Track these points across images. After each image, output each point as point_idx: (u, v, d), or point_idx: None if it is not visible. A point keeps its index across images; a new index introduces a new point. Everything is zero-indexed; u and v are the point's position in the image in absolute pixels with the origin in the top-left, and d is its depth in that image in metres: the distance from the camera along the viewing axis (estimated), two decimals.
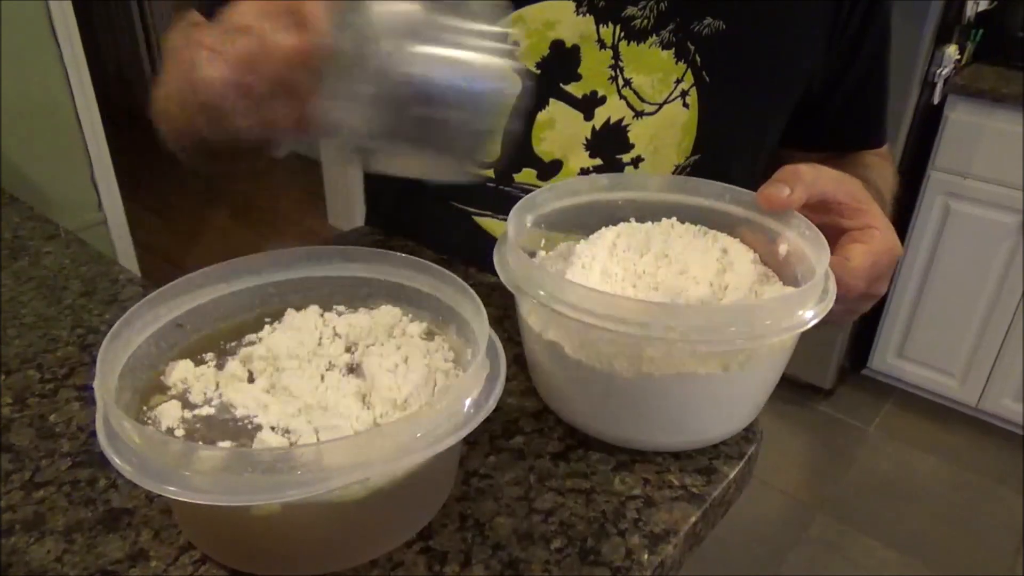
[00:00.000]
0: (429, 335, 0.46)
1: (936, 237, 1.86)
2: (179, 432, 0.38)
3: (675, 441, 0.46)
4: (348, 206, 2.71)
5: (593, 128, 0.65)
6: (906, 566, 1.66)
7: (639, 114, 0.65)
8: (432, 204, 0.71)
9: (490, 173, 0.68)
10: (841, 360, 2.07)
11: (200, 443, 0.37)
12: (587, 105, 0.65)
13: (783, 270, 0.50)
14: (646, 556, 0.39)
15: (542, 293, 0.43)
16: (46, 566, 0.38)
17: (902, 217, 1.89)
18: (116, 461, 0.34)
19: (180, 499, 0.33)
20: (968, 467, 1.92)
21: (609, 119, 0.65)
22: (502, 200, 0.68)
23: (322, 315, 0.47)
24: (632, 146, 0.65)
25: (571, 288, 0.42)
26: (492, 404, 0.37)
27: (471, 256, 0.64)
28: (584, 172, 0.66)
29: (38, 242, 0.87)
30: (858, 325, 2.04)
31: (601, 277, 0.48)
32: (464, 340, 0.45)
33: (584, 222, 0.54)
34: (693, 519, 0.42)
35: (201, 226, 2.89)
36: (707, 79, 0.63)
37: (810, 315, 0.43)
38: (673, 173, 0.66)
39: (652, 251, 0.50)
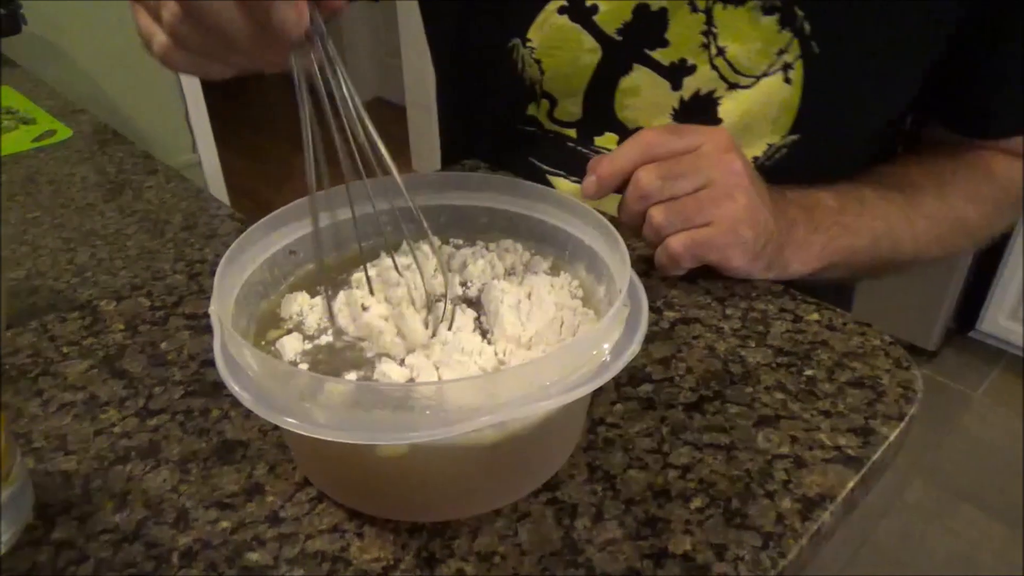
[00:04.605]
0: (554, 270, 0.42)
1: None
2: (302, 366, 0.36)
3: None
4: (432, 151, 2.69)
5: (681, 99, 0.58)
6: (1010, 539, 1.57)
7: (732, 86, 0.57)
8: (509, 156, 0.66)
9: (572, 132, 0.63)
10: (948, 321, 1.94)
11: (325, 375, 0.34)
12: (675, 74, 0.57)
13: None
14: (800, 522, 0.35)
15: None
16: (163, 496, 0.37)
17: None
18: (235, 389, 0.32)
19: (301, 433, 0.31)
20: None
21: (699, 90, 0.57)
22: (579, 161, 0.63)
23: (440, 246, 0.44)
24: (720, 121, 0.58)
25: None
26: (635, 348, 0.34)
27: None
28: None
29: (140, 177, 0.88)
30: (967, 284, 1.91)
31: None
32: (595, 277, 0.41)
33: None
34: (851, 484, 0.37)
35: (289, 169, 2.93)
36: (816, 51, 0.54)
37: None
38: (765, 153, 0.58)
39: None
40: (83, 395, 0.44)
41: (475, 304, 0.40)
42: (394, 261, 0.42)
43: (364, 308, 0.40)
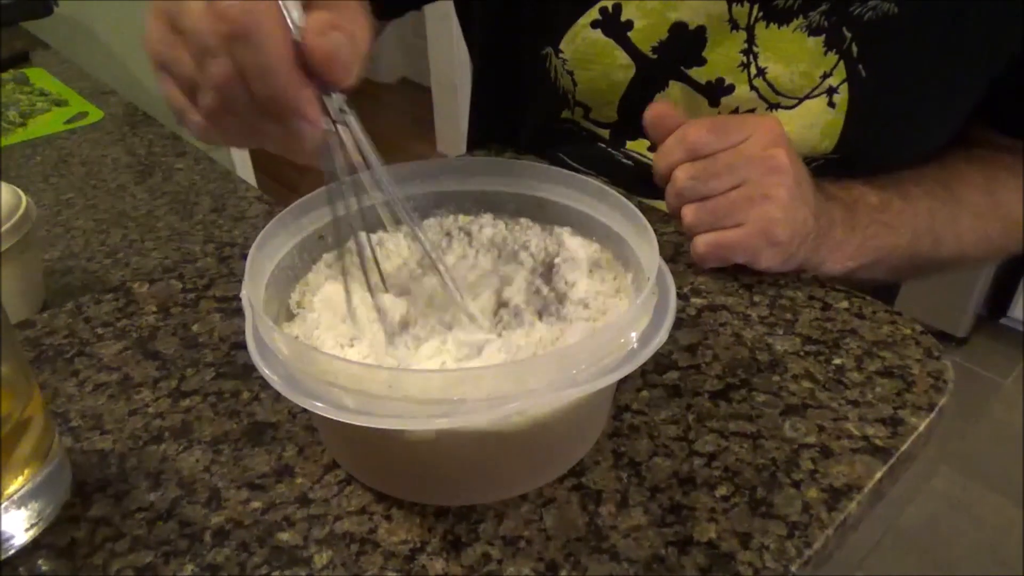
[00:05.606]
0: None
1: None
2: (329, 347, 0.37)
3: None
4: (457, 132, 2.68)
5: (719, 115, 0.56)
6: None
7: (773, 107, 0.55)
8: (540, 149, 0.65)
9: (606, 133, 0.62)
10: (978, 307, 1.91)
11: (353, 360, 0.35)
12: (712, 92, 0.56)
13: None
14: (827, 512, 0.35)
15: None
16: (195, 475, 0.38)
17: None
18: (266, 372, 0.32)
19: (328, 417, 0.31)
20: None
21: (738, 109, 0.56)
22: (608, 164, 0.62)
23: (466, 232, 0.44)
24: None
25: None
26: (663, 337, 0.34)
27: None
28: None
29: (170, 159, 0.89)
30: (999, 270, 1.87)
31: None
32: (622, 263, 0.41)
33: None
34: (878, 475, 0.37)
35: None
36: (863, 74, 0.52)
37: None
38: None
39: None
40: (117, 376, 0.44)
41: (505, 285, 0.40)
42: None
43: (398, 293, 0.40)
